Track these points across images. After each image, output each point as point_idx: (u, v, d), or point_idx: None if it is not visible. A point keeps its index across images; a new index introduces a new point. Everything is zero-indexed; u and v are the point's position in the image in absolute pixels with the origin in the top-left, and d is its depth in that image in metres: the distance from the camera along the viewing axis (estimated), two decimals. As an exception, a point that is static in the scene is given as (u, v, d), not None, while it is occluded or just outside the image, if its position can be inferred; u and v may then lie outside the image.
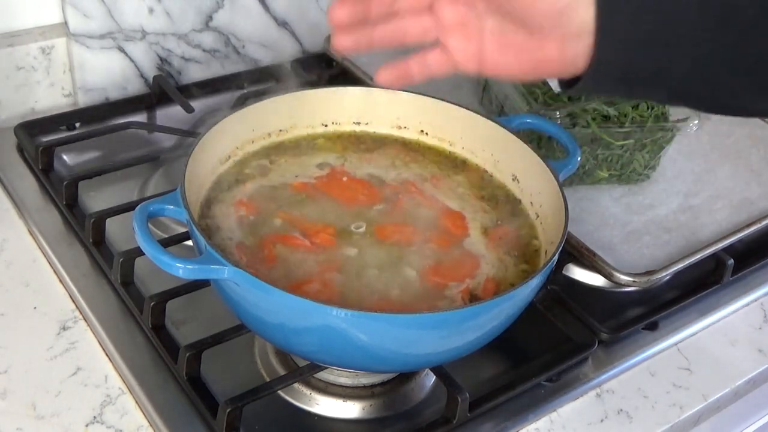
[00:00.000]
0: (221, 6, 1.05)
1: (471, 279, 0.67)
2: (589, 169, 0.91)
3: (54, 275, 0.79)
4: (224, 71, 1.09)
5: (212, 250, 0.58)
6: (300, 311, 0.57)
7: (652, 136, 0.89)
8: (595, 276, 0.85)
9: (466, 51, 0.58)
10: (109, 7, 0.97)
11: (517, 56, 0.57)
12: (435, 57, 0.59)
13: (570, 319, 0.79)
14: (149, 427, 0.67)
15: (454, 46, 0.58)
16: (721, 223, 0.88)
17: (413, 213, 0.73)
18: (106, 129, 0.96)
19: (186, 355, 0.68)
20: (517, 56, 0.57)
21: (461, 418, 0.68)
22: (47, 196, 0.88)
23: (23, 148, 0.93)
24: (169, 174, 0.93)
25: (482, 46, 0.57)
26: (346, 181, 0.75)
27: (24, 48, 0.96)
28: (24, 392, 0.68)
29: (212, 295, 0.66)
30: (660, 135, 0.90)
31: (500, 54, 0.57)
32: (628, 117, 0.88)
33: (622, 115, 0.88)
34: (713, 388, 0.77)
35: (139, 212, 0.60)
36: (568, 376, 0.75)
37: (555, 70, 0.57)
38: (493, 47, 0.57)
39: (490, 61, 0.58)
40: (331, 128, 0.80)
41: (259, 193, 0.72)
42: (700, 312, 0.84)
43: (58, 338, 0.73)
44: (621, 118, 0.87)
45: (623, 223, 0.88)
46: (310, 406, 0.71)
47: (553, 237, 0.67)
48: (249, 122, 0.75)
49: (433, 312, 0.60)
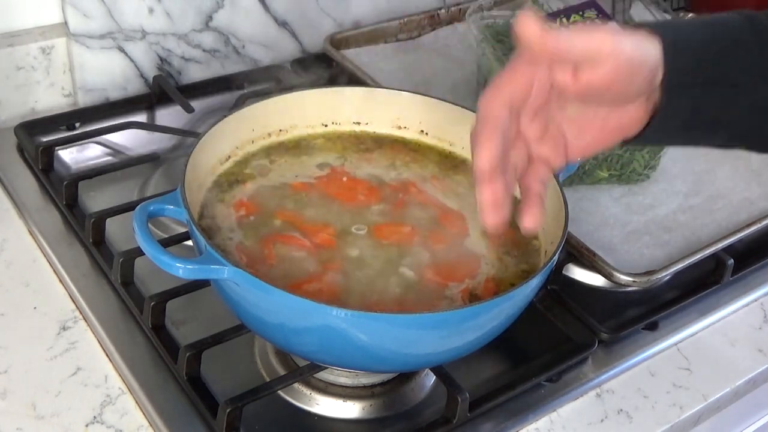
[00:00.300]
0: (221, 6, 1.05)
1: (471, 279, 0.67)
2: (589, 169, 0.91)
3: (54, 275, 0.79)
4: (224, 71, 1.09)
5: (212, 250, 0.58)
6: (300, 311, 0.57)
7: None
8: (595, 276, 0.85)
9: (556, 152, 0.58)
10: (109, 7, 0.97)
11: (599, 131, 0.57)
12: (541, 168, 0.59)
13: (570, 319, 0.79)
14: (149, 427, 0.67)
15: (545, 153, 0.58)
16: (721, 223, 0.88)
17: (413, 213, 0.73)
18: (106, 129, 0.96)
19: (186, 355, 0.68)
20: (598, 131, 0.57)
21: (461, 418, 0.68)
22: (47, 196, 0.88)
23: (23, 148, 0.93)
24: (169, 174, 0.93)
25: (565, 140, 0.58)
26: (346, 181, 0.75)
27: (24, 48, 0.96)
28: (24, 392, 0.68)
29: (212, 295, 0.66)
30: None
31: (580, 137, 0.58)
32: (628, 117, 0.88)
33: (622, 115, 0.88)
34: (713, 388, 0.77)
35: (139, 212, 0.61)
36: (568, 376, 0.75)
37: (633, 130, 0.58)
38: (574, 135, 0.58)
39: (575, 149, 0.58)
40: (331, 128, 0.80)
41: (259, 193, 0.72)
42: (700, 312, 0.84)
43: (58, 338, 0.73)
44: (621, 118, 0.87)
45: (623, 223, 0.88)
46: (310, 406, 0.71)
47: (553, 237, 0.67)
48: (249, 122, 0.75)
49: (433, 312, 0.60)
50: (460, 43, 1.12)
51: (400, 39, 1.13)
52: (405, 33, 1.13)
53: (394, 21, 1.12)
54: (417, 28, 1.14)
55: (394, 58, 1.09)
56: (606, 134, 0.58)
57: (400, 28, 1.13)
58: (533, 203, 0.58)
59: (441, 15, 1.15)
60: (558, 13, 0.96)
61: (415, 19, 1.13)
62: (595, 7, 0.97)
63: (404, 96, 0.79)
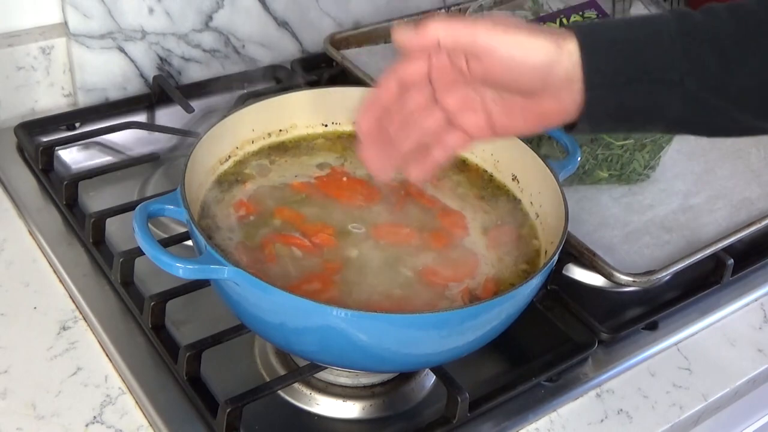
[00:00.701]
0: (221, 6, 1.05)
1: (471, 279, 0.67)
2: (589, 169, 0.91)
3: (54, 275, 0.79)
4: (224, 71, 1.09)
5: (212, 250, 0.58)
6: (300, 311, 0.57)
7: (652, 135, 0.89)
8: (595, 276, 0.85)
9: (477, 124, 0.61)
10: (109, 7, 0.97)
11: (522, 115, 0.60)
12: (453, 138, 0.63)
13: (570, 319, 0.79)
14: (149, 427, 0.67)
15: (465, 123, 0.62)
16: (721, 223, 0.88)
17: (413, 213, 0.73)
18: (106, 129, 0.96)
19: (186, 355, 0.68)
20: (522, 115, 0.60)
21: (461, 418, 0.68)
22: (47, 196, 0.88)
23: (23, 148, 0.93)
24: (169, 174, 0.93)
25: (489, 115, 0.61)
26: (346, 181, 0.75)
27: (24, 48, 0.96)
28: (24, 392, 0.68)
29: (212, 295, 0.66)
30: (660, 135, 0.89)
31: (507, 117, 0.60)
32: (628, 117, 0.88)
33: (622, 115, 0.88)
34: (713, 388, 0.77)
35: (139, 212, 0.61)
36: (568, 376, 0.75)
37: (559, 120, 0.59)
38: (499, 113, 0.60)
39: (500, 125, 0.61)
40: (331, 128, 0.80)
41: (259, 193, 0.72)
42: (700, 312, 0.84)
43: (58, 338, 0.73)
44: (621, 118, 0.87)
45: (623, 223, 0.88)
46: (310, 406, 0.71)
47: (553, 237, 0.67)
48: (249, 122, 0.75)
49: (433, 312, 0.60)
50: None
51: (400, 39, 1.13)
52: (405, 33, 1.13)
53: (394, 21, 1.12)
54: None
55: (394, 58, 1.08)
56: (530, 120, 0.60)
57: (400, 28, 1.13)
58: (427, 163, 0.64)
59: (441, 15, 1.15)
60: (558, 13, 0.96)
61: (415, 19, 1.13)
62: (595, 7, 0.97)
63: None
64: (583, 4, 0.97)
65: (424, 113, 0.62)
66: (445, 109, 0.61)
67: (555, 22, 0.95)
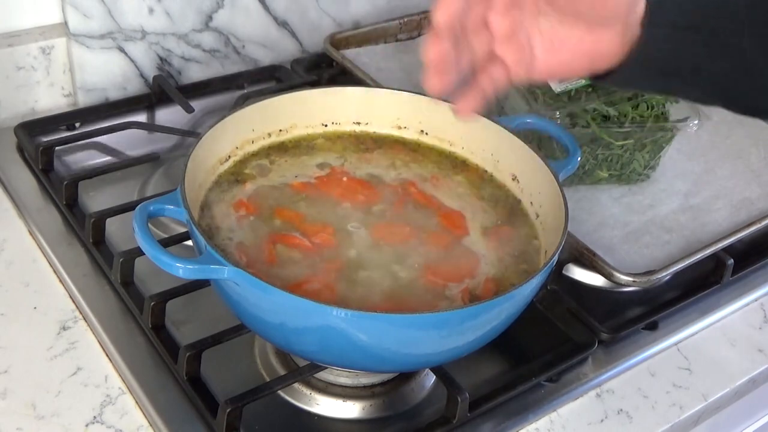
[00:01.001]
0: (221, 6, 1.05)
1: (471, 279, 0.67)
2: (589, 169, 0.91)
3: (54, 275, 0.79)
4: (224, 71, 1.09)
5: (212, 250, 0.58)
6: (300, 311, 0.57)
7: (652, 136, 0.89)
8: (595, 276, 0.85)
9: (517, 59, 0.57)
10: (109, 7, 0.97)
11: (571, 53, 0.56)
12: (498, 70, 0.58)
13: (570, 319, 0.79)
14: (149, 427, 0.67)
15: (506, 56, 0.57)
16: (721, 223, 0.88)
17: (413, 213, 0.73)
18: (106, 129, 0.96)
19: (186, 355, 0.68)
20: (570, 53, 0.56)
21: (461, 418, 0.68)
22: (47, 196, 0.88)
23: (23, 148, 0.93)
24: (169, 174, 0.93)
25: (532, 50, 0.57)
26: (346, 181, 0.75)
27: (24, 48, 0.96)
28: (24, 392, 0.68)
29: (212, 295, 0.66)
30: (660, 135, 0.90)
31: (552, 54, 0.56)
32: (628, 117, 0.88)
33: (622, 115, 0.88)
34: (713, 388, 0.77)
35: (139, 212, 0.61)
36: (568, 376, 0.75)
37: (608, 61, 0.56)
38: (544, 50, 0.56)
39: (541, 66, 0.57)
40: (331, 128, 0.80)
41: (259, 193, 0.72)
42: (700, 312, 0.84)
43: (58, 338, 0.73)
44: (621, 118, 0.87)
45: (623, 223, 0.88)
46: (310, 406, 0.71)
47: (553, 237, 0.67)
48: (249, 122, 0.75)
49: (433, 312, 0.60)
50: (460, 43, 1.12)
51: (400, 39, 1.13)
52: (405, 33, 1.13)
53: (394, 21, 1.12)
54: (417, 28, 1.14)
55: (394, 58, 1.09)
56: (578, 58, 0.56)
57: (400, 28, 1.13)
58: (473, 95, 0.58)
59: (441, 15, 1.15)
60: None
61: (415, 19, 1.13)
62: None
63: (404, 96, 0.79)
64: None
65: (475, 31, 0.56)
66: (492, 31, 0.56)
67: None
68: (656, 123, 0.88)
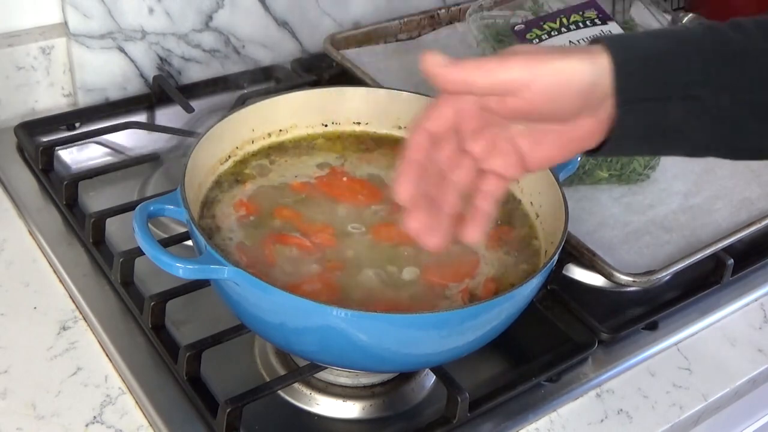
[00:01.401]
0: (221, 6, 1.05)
1: (471, 279, 0.67)
2: (589, 169, 0.91)
3: (54, 275, 0.79)
4: (224, 71, 1.09)
5: (212, 250, 0.58)
6: (300, 311, 0.57)
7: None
8: (595, 276, 0.85)
9: (507, 164, 0.59)
10: (109, 7, 0.97)
11: (555, 143, 0.58)
12: (489, 184, 0.60)
13: (570, 319, 0.79)
14: (149, 427, 0.67)
15: (496, 166, 0.59)
16: (721, 223, 0.88)
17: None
18: (106, 129, 0.96)
19: (186, 355, 0.68)
20: (554, 144, 0.58)
21: (461, 418, 0.68)
22: (47, 196, 0.88)
23: (23, 148, 0.93)
24: (169, 174, 0.93)
25: (518, 151, 0.58)
26: (346, 181, 0.75)
27: (24, 48, 0.96)
28: (24, 392, 0.68)
29: (212, 295, 0.66)
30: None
31: (538, 149, 0.58)
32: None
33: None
34: (713, 388, 0.77)
35: (139, 212, 0.61)
36: (568, 376, 0.75)
37: (594, 141, 0.58)
38: (529, 147, 0.58)
39: (531, 159, 0.59)
40: (331, 128, 0.80)
41: (259, 193, 0.72)
42: (700, 312, 0.84)
43: (58, 338, 0.73)
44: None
45: (623, 223, 0.88)
46: (310, 406, 0.71)
47: (553, 237, 0.67)
48: (249, 122, 0.75)
49: (433, 312, 0.60)
50: (460, 43, 1.12)
51: (400, 39, 1.13)
52: (405, 33, 1.13)
53: (394, 21, 1.12)
54: (417, 28, 1.14)
55: (394, 58, 1.09)
56: (563, 147, 0.58)
57: (400, 28, 1.13)
58: (477, 219, 0.60)
59: (441, 15, 1.15)
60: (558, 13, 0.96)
61: (415, 19, 1.13)
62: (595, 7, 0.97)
63: (404, 96, 0.79)
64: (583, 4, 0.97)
65: (454, 166, 0.59)
66: (473, 156, 0.58)
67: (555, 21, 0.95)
68: (656, 123, 0.88)
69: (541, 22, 0.95)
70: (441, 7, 1.16)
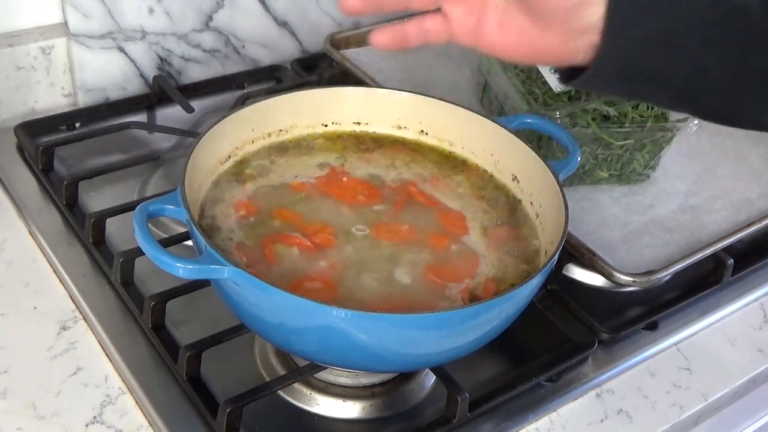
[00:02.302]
0: (221, 6, 1.05)
1: (471, 279, 0.67)
2: (589, 169, 0.91)
3: (54, 275, 0.79)
4: (224, 71, 1.09)
5: (212, 250, 0.58)
6: (300, 311, 0.57)
7: (652, 136, 0.89)
8: (595, 276, 0.85)
9: (465, 23, 0.58)
10: (109, 7, 0.97)
11: (517, 38, 0.57)
12: (434, 24, 0.59)
13: (570, 319, 0.79)
14: (149, 427, 0.67)
15: (454, 16, 0.58)
16: (721, 223, 0.88)
17: (413, 213, 0.73)
18: (106, 129, 0.96)
19: (186, 355, 0.68)
20: (517, 38, 0.57)
21: (461, 418, 0.68)
22: (47, 196, 0.88)
23: (23, 148, 0.93)
24: (169, 174, 0.93)
25: (483, 21, 0.57)
26: (346, 181, 0.75)
27: (24, 48, 0.96)
28: (24, 392, 0.68)
29: (212, 295, 0.66)
30: (660, 135, 0.90)
31: (500, 33, 0.57)
32: (628, 117, 0.88)
33: (622, 115, 0.88)
34: (713, 388, 0.77)
35: (139, 212, 0.61)
36: (568, 376, 0.75)
37: (551, 60, 0.57)
38: (494, 25, 0.57)
39: (488, 38, 0.58)
40: (331, 128, 0.80)
41: (259, 193, 0.72)
42: (700, 312, 0.84)
43: (58, 338, 0.73)
44: (621, 118, 0.87)
45: (623, 223, 0.88)
46: (310, 406, 0.71)
47: (553, 237, 0.67)
48: (249, 122, 0.75)
49: (433, 312, 0.60)
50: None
51: (400, 39, 1.13)
52: (405, 33, 1.13)
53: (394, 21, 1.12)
54: (417, 28, 1.14)
55: (394, 58, 1.09)
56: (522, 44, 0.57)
57: (400, 28, 1.12)
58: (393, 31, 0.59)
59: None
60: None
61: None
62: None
63: (404, 96, 0.79)
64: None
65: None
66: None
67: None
68: (656, 123, 0.88)
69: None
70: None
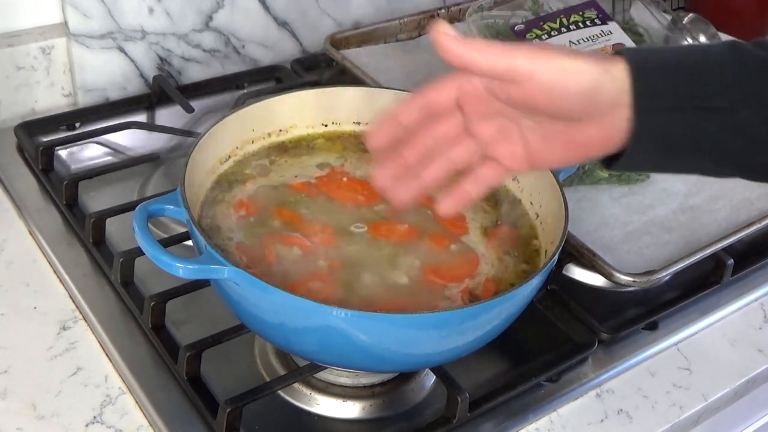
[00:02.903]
0: (221, 6, 1.05)
1: (471, 279, 0.67)
2: (589, 169, 0.91)
3: (54, 275, 0.79)
4: (224, 71, 1.09)
5: (212, 250, 0.58)
6: (300, 311, 0.57)
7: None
8: (595, 276, 0.85)
9: (514, 155, 0.59)
10: (109, 7, 0.97)
11: (562, 144, 0.58)
12: (487, 170, 0.60)
13: (570, 319, 0.79)
14: (149, 427, 0.67)
15: (502, 154, 0.59)
16: (721, 223, 0.88)
17: (413, 213, 0.72)
18: (106, 129, 0.96)
19: (186, 355, 0.68)
20: (562, 144, 0.58)
21: (461, 418, 0.68)
22: (47, 196, 0.88)
23: (23, 148, 0.93)
24: (169, 174, 0.93)
25: (527, 145, 0.58)
26: (346, 181, 0.75)
27: (24, 48, 0.96)
28: (24, 392, 0.68)
29: (212, 295, 0.66)
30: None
31: (545, 147, 0.58)
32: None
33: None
34: (713, 388, 0.77)
35: (139, 212, 0.61)
36: (568, 376, 0.75)
37: (602, 149, 0.57)
38: (537, 143, 0.58)
39: (538, 157, 0.59)
40: (331, 128, 0.80)
41: (259, 193, 0.72)
42: (700, 312, 0.84)
43: (58, 338, 0.73)
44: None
45: (623, 223, 0.88)
46: (310, 406, 0.71)
47: (553, 237, 0.67)
48: (249, 122, 0.75)
49: (433, 312, 0.60)
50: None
51: (400, 39, 1.13)
52: (405, 33, 1.13)
53: (394, 21, 1.12)
54: (417, 28, 1.14)
55: (394, 58, 1.09)
56: (567, 150, 0.58)
57: (400, 28, 1.13)
58: (457, 197, 0.61)
59: (441, 15, 1.15)
60: (558, 13, 0.96)
61: (415, 19, 1.13)
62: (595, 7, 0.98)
63: (404, 96, 0.79)
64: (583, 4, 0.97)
65: (454, 143, 0.59)
66: (479, 138, 0.59)
67: (555, 22, 0.95)
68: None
69: (541, 22, 0.95)
70: (441, 7, 1.16)
